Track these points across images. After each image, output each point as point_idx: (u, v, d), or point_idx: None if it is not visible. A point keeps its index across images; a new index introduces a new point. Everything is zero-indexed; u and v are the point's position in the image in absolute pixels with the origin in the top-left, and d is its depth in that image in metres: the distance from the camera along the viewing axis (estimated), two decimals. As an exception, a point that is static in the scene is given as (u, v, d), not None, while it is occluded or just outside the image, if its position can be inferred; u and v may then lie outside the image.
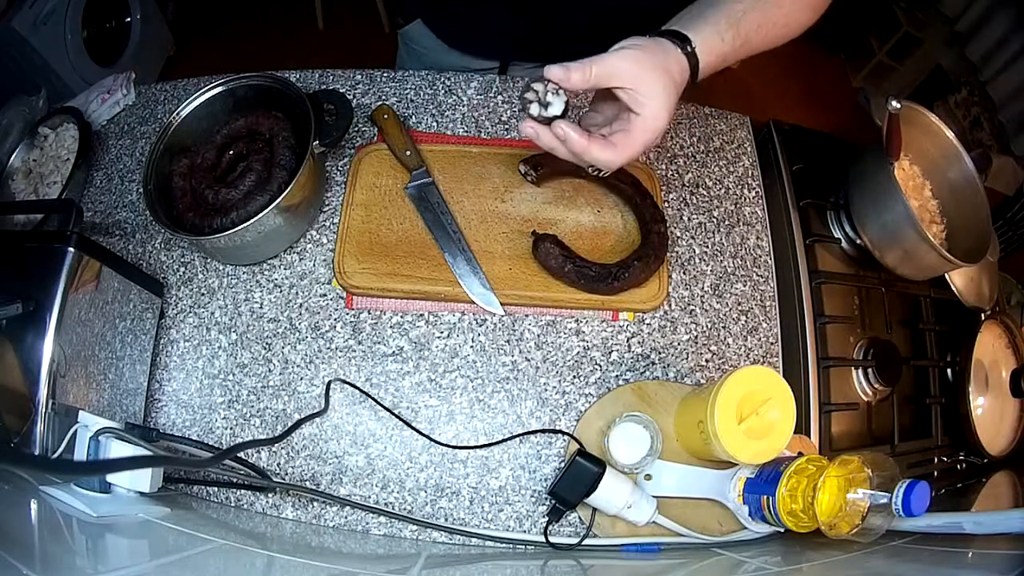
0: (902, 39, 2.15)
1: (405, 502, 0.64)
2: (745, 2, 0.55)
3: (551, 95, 0.51)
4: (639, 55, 0.50)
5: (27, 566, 0.34)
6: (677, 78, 0.52)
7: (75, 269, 0.55)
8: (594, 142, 0.51)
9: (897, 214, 0.70)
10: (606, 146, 0.51)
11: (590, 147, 0.51)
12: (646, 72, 0.50)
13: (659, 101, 0.50)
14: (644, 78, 0.50)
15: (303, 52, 2.24)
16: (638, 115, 0.51)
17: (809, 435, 0.70)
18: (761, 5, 0.55)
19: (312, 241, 0.74)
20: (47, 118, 0.83)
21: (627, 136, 0.51)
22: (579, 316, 0.71)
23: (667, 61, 0.51)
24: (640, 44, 0.51)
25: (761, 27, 0.55)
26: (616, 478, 0.59)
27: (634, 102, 0.50)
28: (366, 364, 0.69)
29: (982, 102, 1.96)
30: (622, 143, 0.51)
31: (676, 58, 0.52)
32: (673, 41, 0.52)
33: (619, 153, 0.51)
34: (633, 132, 0.51)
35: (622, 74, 0.50)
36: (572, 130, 0.51)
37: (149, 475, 0.54)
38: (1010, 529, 0.50)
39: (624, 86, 0.50)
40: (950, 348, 0.82)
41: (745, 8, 0.54)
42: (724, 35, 0.54)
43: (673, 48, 0.52)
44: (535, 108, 0.52)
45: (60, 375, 0.53)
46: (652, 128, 0.51)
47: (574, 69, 0.49)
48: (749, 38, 0.55)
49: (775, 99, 2.02)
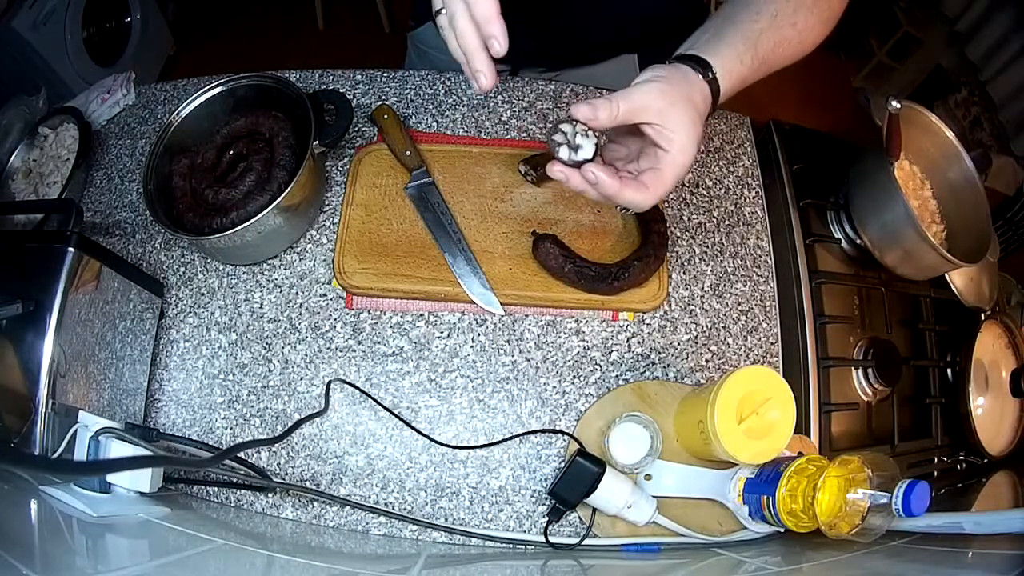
0: (902, 39, 2.15)
1: (405, 502, 0.64)
2: (762, 21, 0.54)
3: (580, 137, 0.50)
4: (664, 88, 0.49)
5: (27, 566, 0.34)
6: (701, 108, 0.51)
7: (75, 269, 0.55)
8: (626, 185, 0.50)
9: (897, 214, 0.70)
10: (639, 188, 0.50)
11: (623, 190, 0.50)
12: (672, 106, 0.49)
13: (686, 135, 0.49)
14: (670, 113, 0.49)
15: (303, 52, 2.25)
16: (666, 151, 0.50)
17: (809, 435, 0.70)
18: (777, 24, 0.54)
19: (312, 241, 0.74)
20: (47, 118, 0.83)
21: (657, 175, 0.50)
22: (579, 316, 0.71)
23: (691, 91, 0.50)
24: (663, 75, 0.50)
25: (777, 46, 0.55)
26: (616, 478, 0.59)
27: (662, 137, 0.49)
28: (366, 364, 0.69)
29: (982, 102, 1.96)
30: (653, 183, 0.50)
31: (699, 87, 0.51)
32: (694, 68, 0.52)
33: (651, 193, 0.50)
34: (663, 170, 0.50)
35: (649, 109, 0.49)
36: (604, 173, 0.49)
37: (149, 475, 0.54)
38: (1010, 529, 0.50)
39: (651, 121, 0.49)
40: (950, 348, 0.82)
41: (762, 28, 0.54)
42: (743, 57, 0.53)
43: (695, 76, 0.51)
44: (564, 151, 0.50)
45: (60, 375, 0.53)
46: (681, 163, 0.50)
47: (601, 107, 0.48)
48: (767, 58, 0.54)
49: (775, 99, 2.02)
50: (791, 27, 0.55)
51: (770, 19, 0.54)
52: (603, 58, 0.88)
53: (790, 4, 0.55)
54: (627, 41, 0.86)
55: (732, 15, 0.55)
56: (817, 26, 0.57)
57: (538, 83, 0.84)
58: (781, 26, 0.55)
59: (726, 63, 0.53)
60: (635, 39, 0.86)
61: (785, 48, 0.56)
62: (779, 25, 0.54)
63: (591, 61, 0.87)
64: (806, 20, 0.56)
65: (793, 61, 0.58)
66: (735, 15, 0.55)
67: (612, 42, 0.86)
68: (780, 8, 0.54)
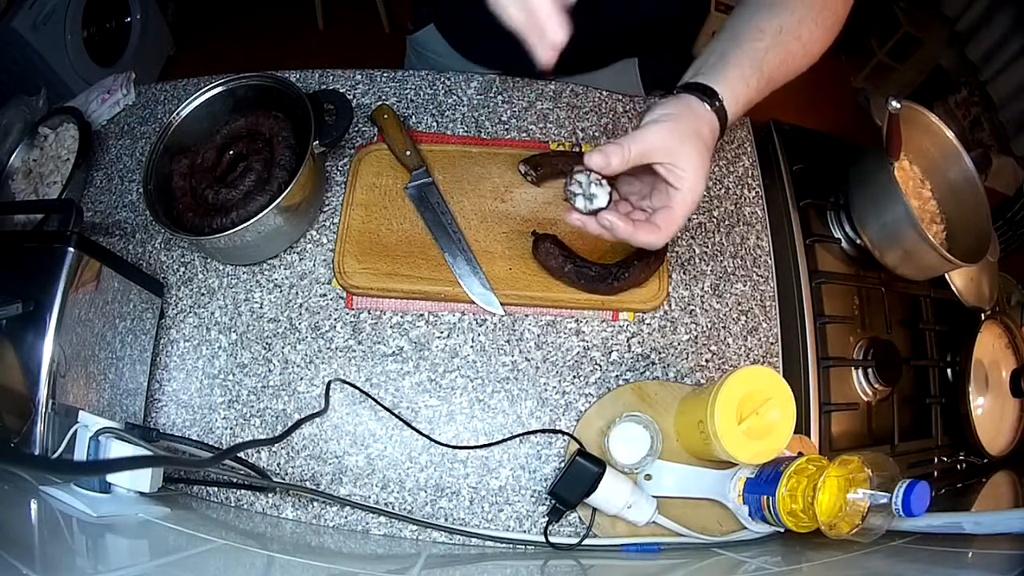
0: (902, 39, 2.15)
1: (405, 502, 0.64)
2: (766, 39, 0.54)
3: (595, 186, 0.54)
4: (672, 127, 0.50)
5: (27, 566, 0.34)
6: (709, 140, 0.52)
7: (75, 269, 0.55)
8: (639, 228, 0.52)
9: (897, 214, 0.70)
10: (652, 230, 0.52)
11: (636, 233, 0.52)
12: (681, 145, 0.50)
13: (696, 172, 0.50)
14: (679, 152, 0.50)
15: (303, 52, 2.25)
16: (678, 189, 0.51)
17: (809, 435, 0.70)
18: (782, 40, 0.54)
19: (312, 241, 0.74)
20: (47, 118, 0.83)
21: (669, 214, 0.52)
22: (579, 316, 0.71)
23: (698, 125, 0.51)
24: (671, 113, 0.51)
25: (783, 63, 0.55)
26: (616, 478, 0.59)
27: (672, 176, 0.51)
28: (366, 364, 0.69)
29: (982, 102, 1.96)
30: (665, 222, 0.52)
31: (706, 119, 0.52)
32: (701, 98, 0.52)
33: (664, 233, 0.52)
34: (675, 209, 0.52)
35: (659, 150, 0.50)
36: (618, 219, 0.52)
37: (149, 475, 0.54)
38: (1010, 529, 0.50)
39: (662, 161, 0.50)
40: (950, 348, 0.82)
41: (767, 46, 0.54)
42: (749, 80, 0.53)
43: (701, 107, 0.52)
44: (580, 201, 0.54)
45: (60, 375, 0.53)
46: (691, 200, 0.51)
47: (612, 154, 0.50)
48: (772, 77, 0.55)
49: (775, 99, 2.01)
50: (796, 41, 0.55)
51: (775, 35, 0.54)
52: (602, 64, 0.88)
53: (795, 16, 0.55)
54: (626, 45, 0.86)
55: (736, 35, 0.55)
56: (822, 36, 0.57)
57: (538, 83, 0.84)
58: (786, 41, 0.54)
59: (732, 89, 0.53)
60: (634, 43, 0.86)
61: (791, 64, 0.56)
62: (784, 40, 0.54)
63: (590, 67, 0.87)
64: (811, 32, 0.56)
65: (798, 74, 0.58)
66: (739, 35, 0.55)
67: (611, 47, 0.86)
68: (785, 22, 0.54)
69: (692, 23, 0.91)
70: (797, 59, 0.56)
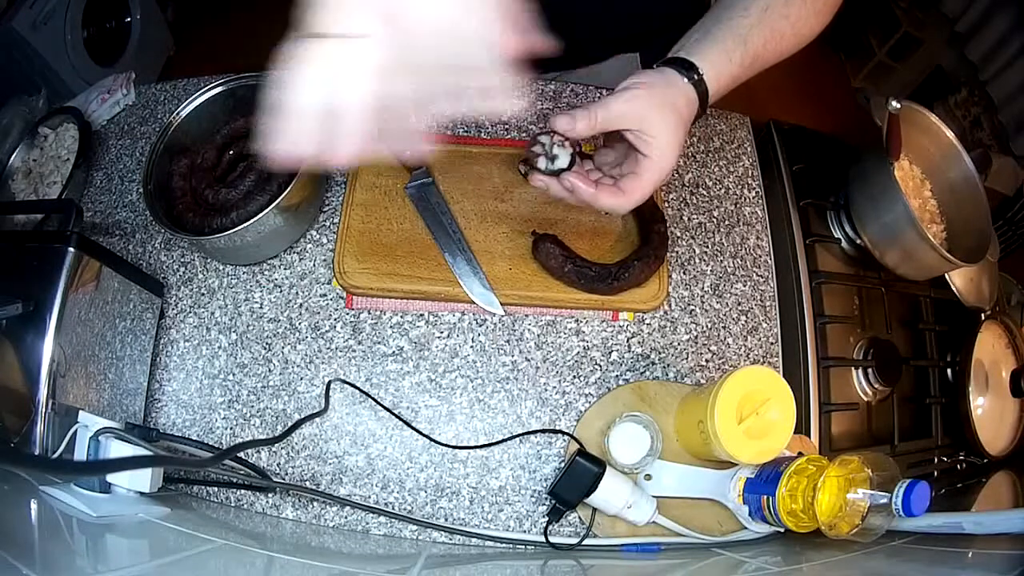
0: (902, 39, 2.15)
1: (405, 502, 0.64)
2: (751, 16, 0.54)
3: (557, 147, 0.54)
4: (643, 95, 0.50)
5: (27, 566, 0.34)
6: (684, 112, 0.52)
7: (75, 269, 0.55)
8: (602, 190, 0.52)
9: (897, 214, 0.70)
10: (615, 193, 0.52)
11: (598, 195, 0.52)
12: (651, 112, 0.50)
13: (665, 140, 0.50)
14: (649, 119, 0.50)
15: (303, 52, 2.24)
16: (646, 156, 0.51)
17: (809, 435, 0.70)
18: (768, 18, 0.54)
19: (312, 241, 0.74)
20: (47, 118, 0.83)
21: (636, 179, 0.52)
22: (579, 316, 0.71)
23: (673, 96, 0.51)
24: (645, 82, 0.51)
25: (769, 41, 0.54)
26: (616, 478, 0.59)
27: (640, 143, 0.51)
28: (366, 364, 0.69)
29: (982, 102, 1.96)
30: (630, 188, 0.52)
31: (683, 91, 0.52)
32: (680, 71, 0.52)
33: (628, 198, 0.52)
34: (641, 175, 0.52)
35: (627, 117, 0.50)
36: (579, 180, 0.53)
37: (149, 475, 0.54)
38: (1010, 529, 0.50)
39: (631, 128, 0.51)
40: (950, 348, 0.82)
41: (752, 23, 0.53)
42: (732, 56, 0.53)
43: (679, 79, 0.52)
44: (542, 162, 0.54)
45: (60, 375, 0.53)
46: (660, 168, 0.51)
47: (579, 118, 0.50)
48: (758, 54, 0.54)
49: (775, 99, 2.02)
50: (783, 19, 0.55)
51: (760, 13, 0.54)
52: (603, 57, 0.88)
53: None
54: (627, 39, 0.86)
55: (721, 12, 0.55)
56: (812, 17, 0.56)
57: (538, 83, 0.83)
58: (773, 19, 0.54)
59: (714, 63, 0.53)
60: (634, 36, 0.86)
61: (779, 42, 0.55)
62: (770, 19, 0.54)
63: (590, 61, 0.87)
64: (799, 11, 0.55)
65: (790, 54, 0.57)
66: (724, 12, 0.55)
67: (611, 40, 0.86)
68: (771, 2, 0.54)
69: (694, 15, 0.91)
70: (786, 38, 0.56)
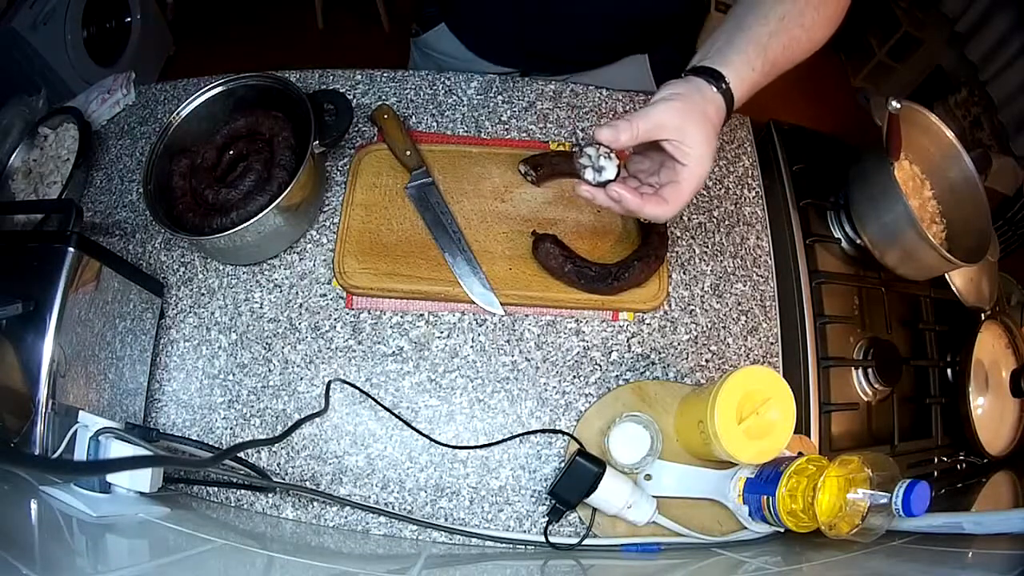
0: (902, 39, 2.15)
1: (405, 502, 0.64)
2: (771, 24, 0.55)
3: (603, 159, 0.55)
4: (680, 106, 0.52)
5: (27, 566, 0.34)
6: (715, 121, 0.54)
7: (75, 269, 0.55)
8: (647, 201, 0.54)
9: (897, 214, 0.70)
10: (659, 203, 0.54)
11: (644, 206, 0.54)
12: (688, 123, 0.52)
13: (702, 149, 0.52)
14: (687, 129, 0.52)
15: (303, 52, 2.24)
16: (685, 165, 0.53)
17: (809, 435, 0.69)
18: (785, 26, 0.56)
19: (312, 241, 0.74)
20: (47, 118, 0.83)
21: (676, 188, 0.54)
22: (579, 316, 0.71)
23: (705, 105, 0.53)
24: (679, 92, 0.53)
25: (787, 49, 0.56)
26: (616, 478, 0.59)
27: (679, 153, 0.52)
28: (366, 364, 0.69)
29: (982, 102, 1.96)
30: (673, 197, 0.54)
31: (713, 100, 0.54)
32: (708, 81, 0.54)
33: (671, 207, 0.54)
34: (681, 184, 0.53)
35: (666, 127, 0.52)
36: (626, 192, 0.54)
37: (149, 475, 0.54)
38: (1010, 529, 0.50)
39: (670, 138, 0.52)
40: (950, 348, 0.82)
41: (771, 31, 0.55)
42: (754, 64, 0.55)
43: (708, 89, 0.54)
44: (590, 174, 0.55)
45: (60, 375, 0.53)
46: (698, 176, 0.53)
47: (622, 130, 0.51)
48: (776, 62, 0.56)
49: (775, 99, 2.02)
50: (799, 27, 0.56)
51: (778, 22, 0.55)
52: (612, 59, 0.88)
53: (796, 5, 0.56)
54: (631, 42, 0.86)
55: (741, 21, 0.57)
56: (824, 23, 0.58)
57: (538, 83, 0.83)
58: (790, 27, 0.56)
59: (738, 72, 0.55)
60: (644, 38, 0.86)
61: (795, 49, 0.57)
62: (787, 27, 0.56)
63: (600, 63, 0.87)
64: (813, 18, 0.57)
65: (802, 60, 0.59)
66: (744, 21, 0.56)
67: (616, 44, 0.86)
68: (787, 10, 0.56)
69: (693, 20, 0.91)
70: (801, 44, 0.57)
